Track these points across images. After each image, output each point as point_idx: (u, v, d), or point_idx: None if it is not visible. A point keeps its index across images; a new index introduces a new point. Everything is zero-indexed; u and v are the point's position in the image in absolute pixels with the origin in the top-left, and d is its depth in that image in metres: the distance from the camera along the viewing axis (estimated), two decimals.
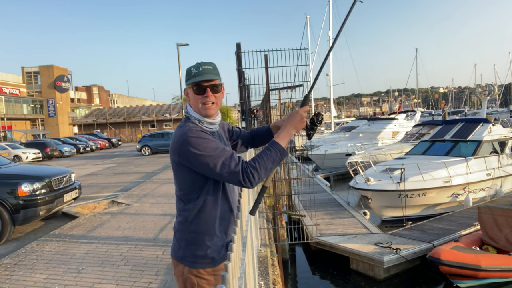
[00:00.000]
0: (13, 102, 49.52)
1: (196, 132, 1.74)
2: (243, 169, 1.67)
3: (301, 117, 1.79)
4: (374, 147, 19.43)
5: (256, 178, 1.67)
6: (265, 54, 6.13)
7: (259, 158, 1.69)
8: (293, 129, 1.78)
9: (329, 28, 37.19)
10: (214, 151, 1.70)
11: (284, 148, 1.74)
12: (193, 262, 1.83)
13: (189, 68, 1.85)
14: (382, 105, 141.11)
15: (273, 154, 1.70)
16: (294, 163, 14.25)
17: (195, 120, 1.84)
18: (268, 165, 1.69)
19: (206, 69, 1.82)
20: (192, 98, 1.86)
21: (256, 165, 1.67)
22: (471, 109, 64.33)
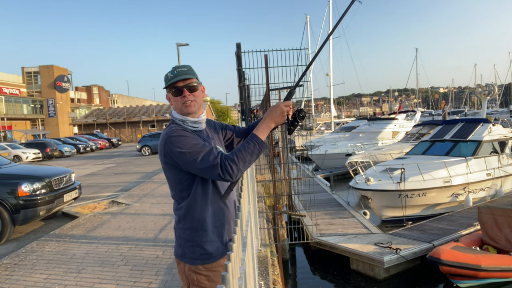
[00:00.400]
0: (13, 102, 49.52)
1: (177, 131, 1.81)
2: (222, 162, 1.70)
3: (281, 110, 1.79)
4: (374, 147, 19.43)
5: (235, 171, 1.70)
6: (265, 54, 6.13)
7: (238, 151, 1.72)
8: (272, 122, 1.79)
9: (329, 28, 37.18)
10: (193, 147, 1.76)
11: (262, 140, 1.75)
12: (192, 259, 1.87)
13: (166, 74, 1.92)
14: (382, 105, 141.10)
15: (252, 147, 1.72)
16: (294, 163, 14.26)
17: (178, 121, 1.91)
18: (246, 158, 1.71)
19: (181, 71, 1.89)
20: (173, 101, 1.93)
21: (234, 158, 1.70)
22: (471, 109, 64.33)
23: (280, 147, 10.04)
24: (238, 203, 1.98)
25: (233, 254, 1.31)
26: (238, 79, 5.95)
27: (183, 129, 1.83)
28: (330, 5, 37.48)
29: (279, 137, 10.46)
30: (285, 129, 10.16)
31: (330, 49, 37.78)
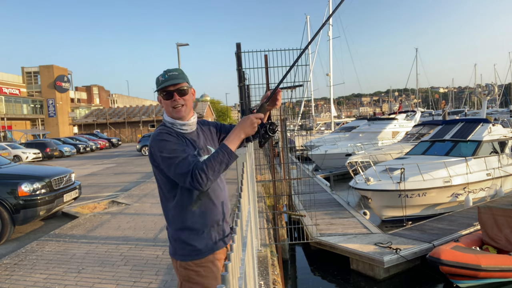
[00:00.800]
0: (13, 102, 49.51)
1: (160, 135, 1.88)
2: (193, 171, 1.74)
3: (251, 122, 1.83)
4: (374, 147, 19.43)
5: (204, 180, 1.74)
6: (265, 54, 6.13)
7: (208, 160, 1.76)
8: (242, 133, 1.83)
9: (329, 28, 37.19)
10: (171, 152, 1.82)
11: (232, 150, 1.79)
12: (182, 255, 1.93)
13: (157, 77, 1.96)
14: (382, 105, 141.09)
15: (221, 156, 1.76)
16: (294, 163, 14.27)
17: (168, 124, 1.97)
18: (216, 167, 1.75)
19: (171, 75, 1.92)
20: (163, 104, 1.97)
21: (204, 167, 1.74)
22: (471, 109, 64.34)
23: (280, 147, 10.05)
24: (239, 204, 1.98)
25: (233, 254, 1.31)
26: (238, 79, 5.94)
27: (168, 133, 1.89)
28: (330, 5, 37.46)
29: (279, 137, 10.47)
30: (284, 129, 10.16)
31: (330, 49, 37.78)
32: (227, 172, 13.43)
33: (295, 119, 21.47)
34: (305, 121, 20.76)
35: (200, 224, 1.93)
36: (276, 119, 9.63)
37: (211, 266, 1.92)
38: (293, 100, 7.96)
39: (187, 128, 1.98)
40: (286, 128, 10.67)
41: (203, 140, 2.05)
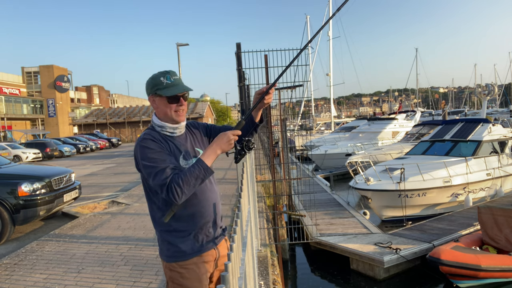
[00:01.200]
0: (13, 102, 49.51)
1: (144, 141, 1.87)
2: (169, 184, 1.75)
3: (228, 139, 1.84)
4: (374, 147, 19.43)
5: (179, 194, 1.75)
6: (265, 54, 6.13)
7: (184, 174, 1.76)
8: (219, 149, 1.84)
9: (329, 28, 37.19)
10: (152, 162, 1.82)
11: (208, 166, 1.79)
12: (167, 256, 1.95)
13: (156, 78, 1.92)
14: (382, 105, 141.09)
15: (197, 171, 1.77)
16: (294, 163, 14.27)
17: (158, 128, 1.96)
18: (191, 182, 1.76)
19: (177, 80, 1.93)
20: (163, 106, 1.94)
21: (179, 181, 1.74)
22: (471, 109, 64.34)
23: (280, 147, 10.05)
24: (239, 204, 1.98)
25: (233, 254, 1.31)
26: (238, 79, 5.95)
27: (152, 139, 1.88)
28: (330, 5, 37.47)
29: (279, 137, 10.47)
30: (284, 129, 10.16)
31: (330, 49, 37.78)
32: (227, 172, 13.43)
33: (295, 119, 21.48)
34: (305, 121, 20.79)
35: (186, 226, 1.93)
36: (276, 119, 9.64)
37: (195, 268, 1.92)
38: (293, 100, 7.97)
39: (177, 132, 1.98)
40: (286, 128, 10.67)
41: (191, 142, 2.04)
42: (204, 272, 1.95)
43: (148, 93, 1.97)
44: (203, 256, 1.95)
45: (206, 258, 1.96)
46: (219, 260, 2.04)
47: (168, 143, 1.92)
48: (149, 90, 1.96)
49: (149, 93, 1.96)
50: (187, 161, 1.94)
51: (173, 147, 1.93)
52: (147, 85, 1.96)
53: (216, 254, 2.01)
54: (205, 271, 1.96)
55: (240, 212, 1.83)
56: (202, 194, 1.97)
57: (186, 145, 2.00)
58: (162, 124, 1.95)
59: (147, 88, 1.97)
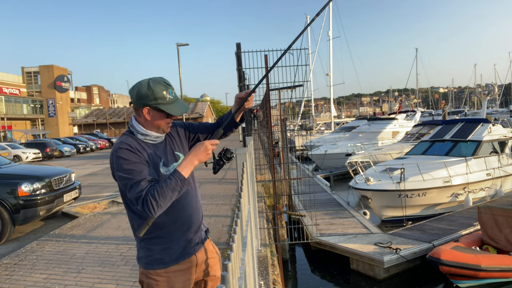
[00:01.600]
0: (13, 102, 49.52)
1: (120, 151, 1.79)
2: (144, 197, 1.68)
3: (205, 149, 1.76)
4: (374, 147, 19.44)
5: (155, 208, 1.68)
6: (265, 54, 6.13)
7: (160, 187, 1.69)
8: (196, 160, 1.75)
9: (329, 28, 37.20)
10: (127, 173, 1.74)
11: (185, 177, 1.72)
12: (145, 263, 1.89)
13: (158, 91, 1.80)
14: (382, 105, 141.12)
15: (173, 183, 1.70)
16: (294, 163, 14.27)
17: (140, 135, 1.86)
18: (168, 194, 1.69)
19: (176, 95, 1.88)
20: (158, 120, 1.86)
21: (155, 194, 1.67)
22: (471, 109, 64.36)
23: (280, 147, 10.06)
24: (239, 204, 1.98)
25: (233, 254, 1.31)
26: (238, 79, 5.94)
27: (129, 148, 1.78)
28: (330, 5, 37.45)
29: (279, 137, 10.48)
30: (284, 129, 10.16)
31: (330, 49, 37.79)
32: (227, 172, 13.43)
33: (295, 119, 21.47)
34: (305, 121, 20.77)
35: (168, 234, 1.88)
36: (276, 119, 9.64)
37: (173, 276, 1.87)
38: (293, 100, 7.97)
39: (159, 139, 1.92)
40: (286, 128, 10.68)
41: (170, 147, 1.98)
42: (183, 280, 1.90)
43: (143, 104, 1.82)
44: (182, 263, 1.90)
45: (185, 265, 1.91)
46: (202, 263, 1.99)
47: (147, 150, 1.84)
48: (145, 101, 1.81)
49: (145, 104, 1.81)
50: (168, 168, 1.88)
51: (153, 154, 1.86)
52: (143, 94, 1.81)
53: (196, 259, 1.96)
54: (185, 279, 1.90)
55: (240, 212, 1.83)
56: (184, 199, 1.92)
57: (165, 151, 1.93)
58: (147, 133, 1.86)
59: (143, 98, 1.81)
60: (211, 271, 2.02)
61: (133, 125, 1.89)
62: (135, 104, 1.85)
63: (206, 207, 7.86)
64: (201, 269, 1.99)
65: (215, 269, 2.05)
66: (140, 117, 1.88)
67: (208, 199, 8.63)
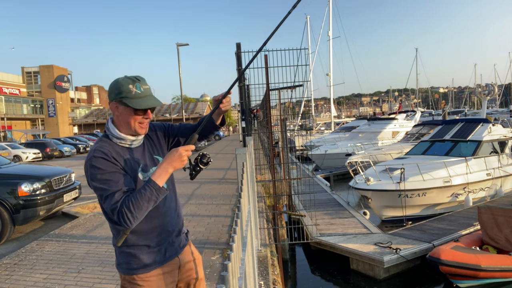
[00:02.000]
0: (13, 102, 49.53)
1: (94, 160, 1.72)
2: (119, 209, 1.63)
3: (179, 155, 1.67)
4: (374, 147, 19.44)
5: (130, 219, 1.63)
6: (265, 54, 6.13)
7: (134, 198, 1.63)
8: (170, 167, 1.68)
9: (329, 28, 37.21)
10: (102, 183, 1.70)
11: (160, 186, 1.65)
12: (126, 268, 1.85)
13: (124, 84, 1.75)
14: (382, 105, 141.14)
15: (148, 193, 1.63)
16: (294, 163, 14.27)
17: (115, 139, 1.80)
18: (143, 205, 1.63)
19: (147, 90, 1.77)
20: (126, 116, 1.77)
21: (130, 206, 1.62)
22: (471, 109, 64.36)
23: (280, 147, 10.06)
24: (239, 204, 1.98)
25: (233, 254, 1.31)
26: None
27: (104, 156, 1.72)
28: (330, 5, 37.49)
29: (279, 137, 10.48)
30: (284, 129, 10.16)
31: (330, 49, 37.81)
32: (227, 172, 13.43)
33: (295, 119, 21.47)
34: (305, 121, 20.76)
35: (148, 241, 1.84)
36: (276, 119, 9.64)
37: (157, 280, 1.85)
38: (293, 100, 7.97)
39: (136, 143, 1.84)
40: (286, 128, 10.67)
41: (149, 150, 1.90)
42: (167, 283, 1.88)
43: (112, 98, 1.78)
44: (164, 266, 1.87)
45: (168, 268, 1.89)
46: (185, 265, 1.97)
47: (124, 156, 1.78)
48: (113, 95, 1.77)
49: (113, 99, 1.78)
50: (147, 173, 1.82)
51: (130, 160, 1.79)
52: (112, 89, 1.78)
53: (179, 261, 1.94)
54: (168, 281, 1.88)
55: (240, 212, 1.83)
56: (163, 206, 1.87)
57: (144, 156, 1.86)
58: (121, 137, 1.79)
59: (111, 93, 1.78)
60: (194, 272, 2.01)
61: (108, 127, 1.83)
62: (109, 100, 1.83)
63: (206, 207, 7.86)
64: (184, 271, 1.97)
65: (198, 270, 2.03)
66: (113, 115, 1.84)
67: (208, 199, 8.63)
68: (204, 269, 4.41)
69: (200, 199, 8.70)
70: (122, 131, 1.81)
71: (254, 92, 7.13)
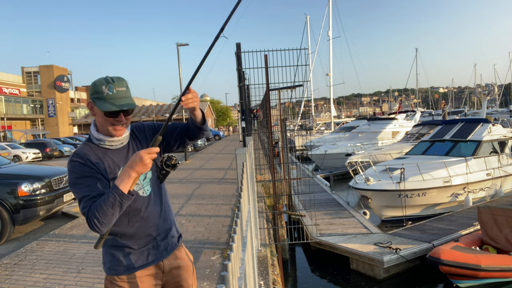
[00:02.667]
0: (13, 102, 49.52)
1: (72, 164, 1.71)
2: (87, 215, 1.63)
3: (140, 159, 1.58)
4: (374, 147, 19.44)
5: (98, 225, 1.62)
6: (265, 54, 6.13)
7: (99, 205, 1.61)
8: (132, 171, 1.60)
9: (329, 28, 37.22)
10: (76, 187, 1.69)
11: (123, 192, 1.60)
12: (108, 268, 1.86)
13: (98, 84, 1.71)
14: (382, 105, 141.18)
15: (112, 199, 1.59)
16: (294, 163, 14.27)
17: (96, 140, 1.78)
18: (107, 210, 1.60)
19: (121, 92, 1.70)
20: (100, 117, 1.75)
21: (95, 212, 1.61)
22: (471, 109, 64.38)
23: (280, 147, 10.06)
24: (239, 204, 1.97)
25: (233, 254, 1.31)
26: (238, 79, 5.94)
27: (82, 161, 1.71)
28: (330, 5, 37.49)
29: (279, 137, 10.48)
30: (284, 129, 10.17)
31: (330, 49, 37.81)
32: (227, 172, 13.43)
33: (295, 119, 21.49)
34: (305, 121, 20.79)
35: (132, 243, 1.84)
36: (276, 119, 9.64)
37: (138, 282, 1.83)
38: (293, 100, 7.97)
39: (117, 144, 1.81)
40: (286, 128, 10.68)
41: (134, 152, 1.84)
42: (149, 286, 1.86)
43: (90, 97, 1.77)
44: (148, 269, 1.85)
45: (150, 271, 1.87)
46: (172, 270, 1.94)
47: (104, 159, 1.76)
48: (90, 95, 1.77)
49: (90, 98, 1.76)
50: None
51: (110, 163, 1.77)
52: (90, 88, 1.76)
53: (163, 265, 1.91)
54: (150, 284, 1.86)
55: (240, 212, 1.83)
56: (144, 211, 1.85)
57: (127, 158, 1.82)
58: (100, 137, 1.77)
59: (89, 91, 1.77)
60: (181, 278, 1.97)
61: (91, 128, 1.82)
62: None
63: (206, 207, 7.86)
64: (170, 276, 1.94)
65: (186, 277, 1.98)
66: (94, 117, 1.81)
67: (208, 199, 8.63)
68: (204, 269, 4.41)
69: (200, 199, 8.70)
70: (100, 132, 1.78)
71: (254, 92, 7.14)
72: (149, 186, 1.88)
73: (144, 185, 1.86)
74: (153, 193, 1.89)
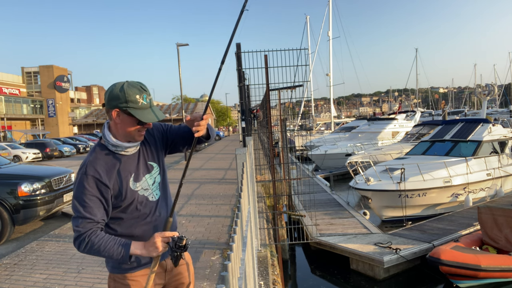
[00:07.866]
0: (13, 102, 49.52)
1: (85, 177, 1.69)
2: (82, 237, 1.66)
3: (153, 244, 1.68)
4: (374, 147, 19.44)
5: (84, 250, 1.67)
6: (265, 54, 6.13)
7: (103, 240, 1.66)
8: (145, 251, 1.69)
9: (329, 28, 37.21)
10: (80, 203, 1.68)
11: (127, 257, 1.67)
12: (112, 266, 1.88)
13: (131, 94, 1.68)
14: (382, 105, 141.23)
15: (115, 253, 1.67)
16: (294, 163, 14.27)
17: (112, 147, 1.77)
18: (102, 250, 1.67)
19: (151, 101, 1.75)
20: (128, 125, 1.73)
21: (94, 242, 1.65)
22: (471, 109, 64.42)
23: (280, 147, 10.06)
24: (239, 204, 1.97)
25: (233, 254, 1.31)
26: (238, 79, 5.94)
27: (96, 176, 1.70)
28: (330, 5, 37.49)
29: (279, 137, 10.48)
30: (284, 129, 10.17)
31: (330, 49, 37.79)
32: (227, 172, 13.43)
33: (295, 119, 21.49)
34: (305, 121, 20.80)
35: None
36: (276, 119, 9.65)
37: (141, 280, 1.85)
38: (293, 100, 7.97)
39: (133, 150, 1.82)
40: (286, 128, 10.67)
41: (144, 157, 1.87)
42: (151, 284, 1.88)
43: (113, 106, 1.70)
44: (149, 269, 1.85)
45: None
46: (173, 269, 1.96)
47: (117, 168, 1.76)
48: (115, 103, 1.69)
49: (115, 106, 1.69)
50: (139, 183, 1.81)
51: (122, 171, 1.77)
52: (114, 96, 1.69)
53: (166, 264, 1.93)
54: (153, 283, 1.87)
55: (240, 212, 1.83)
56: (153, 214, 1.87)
57: (138, 163, 1.84)
58: (118, 144, 1.76)
59: (113, 99, 1.69)
60: (182, 278, 2.00)
61: (104, 134, 1.78)
62: (106, 105, 1.73)
63: (206, 207, 7.86)
64: (172, 275, 1.96)
65: (186, 276, 2.01)
66: (111, 121, 1.77)
67: (208, 199, 8.63)
68: (204, 269, 4.41)
69: (200, 199, 8.70)
70: (118, 138, 1.77)
71: (254, 92, 7.15)
72: (158, 190, 1.91)
73: (153, 190, 1.88)
74: (161, 197, 1.93)
